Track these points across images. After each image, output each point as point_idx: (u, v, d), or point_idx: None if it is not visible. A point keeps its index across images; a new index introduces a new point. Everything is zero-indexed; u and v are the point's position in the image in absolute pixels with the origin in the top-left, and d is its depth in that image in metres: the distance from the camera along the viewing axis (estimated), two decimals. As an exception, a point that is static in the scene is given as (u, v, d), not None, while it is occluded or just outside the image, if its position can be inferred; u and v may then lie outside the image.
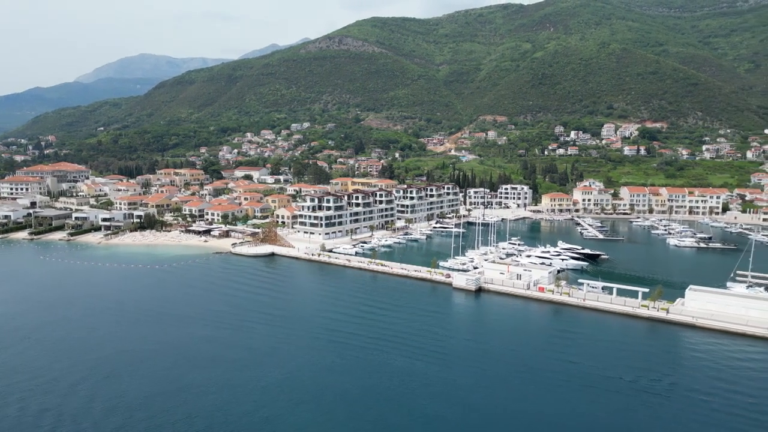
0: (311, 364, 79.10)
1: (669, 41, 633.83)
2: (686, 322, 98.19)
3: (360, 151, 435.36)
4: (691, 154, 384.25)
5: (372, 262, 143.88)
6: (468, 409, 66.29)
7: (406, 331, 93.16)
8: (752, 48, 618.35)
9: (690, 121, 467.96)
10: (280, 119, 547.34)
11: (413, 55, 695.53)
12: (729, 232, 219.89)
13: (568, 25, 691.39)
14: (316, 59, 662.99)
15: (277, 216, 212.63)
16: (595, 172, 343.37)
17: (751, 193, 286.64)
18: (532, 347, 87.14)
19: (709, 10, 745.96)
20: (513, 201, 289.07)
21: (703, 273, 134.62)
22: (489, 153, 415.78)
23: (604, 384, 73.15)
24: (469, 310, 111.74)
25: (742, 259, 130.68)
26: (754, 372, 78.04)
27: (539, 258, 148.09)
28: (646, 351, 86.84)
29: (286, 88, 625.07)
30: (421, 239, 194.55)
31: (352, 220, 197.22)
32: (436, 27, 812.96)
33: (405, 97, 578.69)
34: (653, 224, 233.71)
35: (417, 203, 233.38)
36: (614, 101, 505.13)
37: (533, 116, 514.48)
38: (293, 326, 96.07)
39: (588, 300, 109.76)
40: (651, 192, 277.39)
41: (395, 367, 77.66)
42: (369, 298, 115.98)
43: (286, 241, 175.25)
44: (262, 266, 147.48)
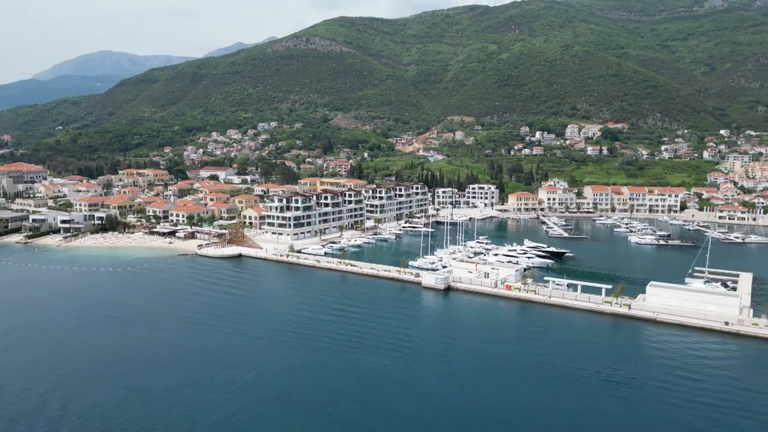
0: (280, 366, 78.38)
1: (629, 44, 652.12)
2: (647, 317, 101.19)
3: (328, 151, 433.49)
4: (650, 154, 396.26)
5: (341, 263, 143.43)
6: (437, 406, 66.79)
7: (376, 331, 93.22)
8: (708, 51, 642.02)
9: (649, 122, 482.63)
10: (246, 119, 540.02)
11: (381, 55, 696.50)
12: (687, 229, 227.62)
13: (532, 27, 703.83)
14: (284, 58, 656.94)
15: (245, 217, 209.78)
16: (560, 172, 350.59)
17: (708, 191, 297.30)
18: (500, 344, 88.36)
19: (667, 15, 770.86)
20: (480, 200, 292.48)
21: (663, 269, 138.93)
22: (457, 153, 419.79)
23: (570, 377, 74.78)
24: (439, 308, 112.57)
25: (699, 255, 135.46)
26: (708, 362, 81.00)
27: (506, 256, 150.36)
28: (609, 345, 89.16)
29: (252, 87, 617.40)
30: (391, 239, 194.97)
31: (321, 220, 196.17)
32: (403, 27, 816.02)
33: (373, 97, 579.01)
34: (615, 222, 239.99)
35: (386, 203, 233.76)
36: (577, 102, 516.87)
37: (499, 117, 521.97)
38: (262, 328, 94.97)
39: (554, 297, 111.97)
40: (613, 191, 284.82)
41: (365, 367, 77.62)
42: (338, 299, 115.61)
43: (253, 242, 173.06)
44: (229, 268, 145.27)
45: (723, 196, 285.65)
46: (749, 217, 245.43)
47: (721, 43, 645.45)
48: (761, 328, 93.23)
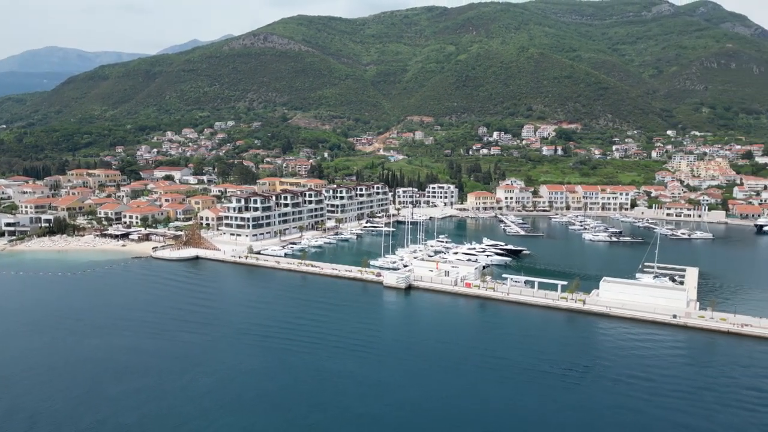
0: (241, 370, 77.00)
1: (582, 47, 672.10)
2: (601, 312, 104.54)
3: (288, 150, 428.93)
4: (603, 153, 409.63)
5: (302, 263, 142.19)
6: (399, 406, 67.06)
7: (338, 332, 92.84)
8: (655, 55, 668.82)
9: (601, 123, 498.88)
10: (202, 117, 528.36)
11: (340, 55, 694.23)
12: (637, 226, 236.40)
13: (489, 29, 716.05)
14: (241, 56, 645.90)
15: (201, 218, 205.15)
16: (517, 171, 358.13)
17: (656, 190, 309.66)
18: (460, 341, 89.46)
19: (617, 19, 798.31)
20: (440, 200, 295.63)
21: (615, 265, 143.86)
22: (417, 153, 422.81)
23: (528, 372, 76.45)
24: (400, 307, 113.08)
25: (648, 251, 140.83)
26: (658, 353, 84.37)
27: (466, 255, 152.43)
28: (564, 340, 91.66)
29: (208, 85, 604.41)
30: (352, 239, 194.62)
31: (280, 220, 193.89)
32: (362, 27, 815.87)
33: (333, 97, 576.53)
34: (570, 220, 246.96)
35: (347, 203, 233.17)
36: (533, 103, 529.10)
37: (458, 117, 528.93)
38: (221, 331, 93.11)
39: (512, 294, 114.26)
40: (568, 190, 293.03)
41: (327, 369, 77.17)
42: (299, 300, 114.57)
43: (211, 244, 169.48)
44: (185, 270, 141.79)
45: (670, 195, 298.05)
46: (695, 214, 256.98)
47: (668, 47, 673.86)
48: (707, 320, 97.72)
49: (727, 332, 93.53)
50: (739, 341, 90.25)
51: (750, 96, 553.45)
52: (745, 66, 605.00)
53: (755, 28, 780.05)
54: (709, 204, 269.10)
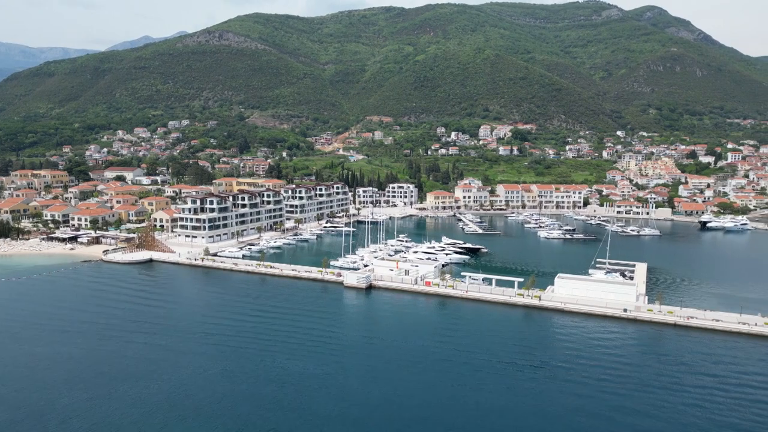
0: (198, 375, 75.24)
1: (536, 49, 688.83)
2: (556, 308, 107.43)
3: (245, 150, 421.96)
4: (556, 153, 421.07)
5: (260, 265, 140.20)
6: (362, 406, 67.02)
7: (298, 333, 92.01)
8: (605, 58, 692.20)
9: (555, 124, 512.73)
10: (155, 116, 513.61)
11: (298, 54, 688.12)
12: (589, 224, 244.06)
13: (446, 31, 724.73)
14: (195, 54, 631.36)
15: (155, 219, 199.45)
16: (474, 171, 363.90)
17: (607, 188, 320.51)
18: (421, 339, 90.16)
19: (569, 23, 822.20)
20: (400, 199, 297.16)
21: (569, 262, 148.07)
22: (376, 153, 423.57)
23: (487, 368, 77.81)
24: (361, 307, 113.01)
25: (600, 248, 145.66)
26: (609, 345, 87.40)
27: (425, 253, 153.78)
28: (522, 335, 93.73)
29: (162, 83, 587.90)
30: (312, 239, 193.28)
31: (238, 221, 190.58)
32: (320, 26, 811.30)
33: (291, 96, 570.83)
34: (526, 219, 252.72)
35: (306, 203, 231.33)
36: (489, 104, 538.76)
37: (417, 117, 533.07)
38: (177, 336, 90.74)
39: (470, 291, 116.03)
40: (523, 189, 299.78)
41: (288, 372, 76.35)
42: (258, 302, 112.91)
43: (165, 246, 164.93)
44: (138, 274, 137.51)
45: (620, 193, 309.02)
46: (643, 211, 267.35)
47: (617, 50, 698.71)
48: (655, 313, 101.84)
49: (674, 324, 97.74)
50: (685, 333, 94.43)
51: (693, 98, 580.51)
52: (689, 69, 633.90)
53: (698, 32, 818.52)
54: (656, 202, 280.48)
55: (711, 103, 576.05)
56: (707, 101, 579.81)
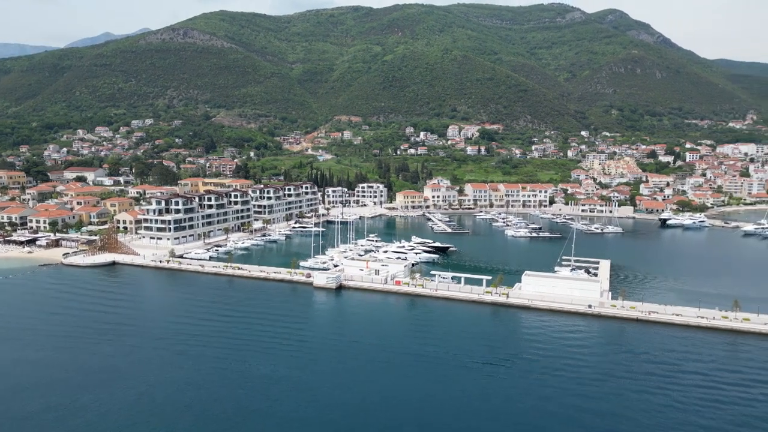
0: (165, 381, 73.55)
1: (502, 50, 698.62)
2: (523, 305, 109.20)
3: (211, 149, 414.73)
4: (523, 153, 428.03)
5: (228, 266, 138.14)
6: (332, 407, 66.74)
7: (267, 335, 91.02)
8: (569, 59, 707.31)
9: (521, 124, 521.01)
10: (118, 115, 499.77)
11: (265, 52, 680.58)
12: (555, 222, 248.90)
13: (414, 31, 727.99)
14: (159, 51, 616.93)
15: (118, 221, 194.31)
16: (443, 171, 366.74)
17: (572, 187, 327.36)
18: (391, 339, 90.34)
19: (534, 24, 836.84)
20: (370, 199, 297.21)
21: (536, 260, 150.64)
22: (345, 152, 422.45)
23: (457, 365, 78.55)
24: (331, 308, 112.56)
25: (566, 246, 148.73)
26: (575, 340, 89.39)
27: (395, 253, 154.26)
28: (490, 332, 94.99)
29: (124, 81, 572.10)
30: (281, 240, 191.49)
31: (204, 222, 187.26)
32: (287, 25, 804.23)
33: (258, 95, 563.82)
34: (493, 217, 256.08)
35: (275, 203, 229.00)
36: (457, 104, 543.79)
37: (385, 117, 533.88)
38: (143, 340, 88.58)
39: (440, 290, 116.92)
40: (491, 188, 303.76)
41: (257, 375, 75.43)
42: (226, 305, 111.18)
43: (129, 248, 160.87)
44: (101, 277, 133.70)
45: (584, 192, 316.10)
46: (606, 209, 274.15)
47: (580, 52, 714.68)
48: (618, 309, 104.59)
49: (636, 319, 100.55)
50: (646, 327, 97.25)
51: (653, 99, 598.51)
52: (649, 71, 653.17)
53: (658, 35, 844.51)
54: (619, 200, 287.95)
55: (670, 104, 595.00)
56: (666, 102, 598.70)
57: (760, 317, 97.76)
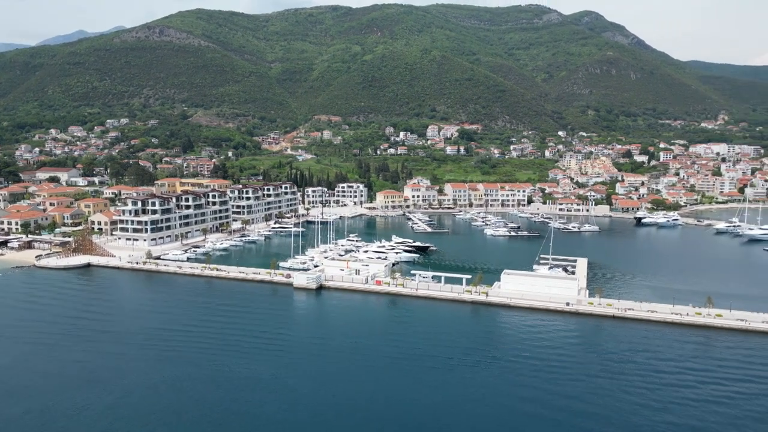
0: (143, 384, 72.37)
1: (480, 51, 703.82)
2: (502, 303, 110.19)
3: (189, 149, 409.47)
4: (501, 153, 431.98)
5: (206, 268, 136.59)
6: (312, 408, 66.47)
7: (247, 337, 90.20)
8: (546, 60, 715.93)
9: (500, 124, 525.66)
10: (92, 114, 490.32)
11: (243, 51, 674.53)
12: (533, 221, 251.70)
13: (393, 31, 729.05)
14: (134, 50, 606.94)
15: (93, 222, 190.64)
16: (423, 171, 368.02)
17: (550, 186, 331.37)
18: (371, 338, 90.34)
19: (512, 25, 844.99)
20: (350, 199, 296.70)
21: (515, 258, 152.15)
22: (325, 152, 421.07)
23: (437, 364, 78.81)
24: (311, 308, 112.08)
25: (544, 244, 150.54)
26: (553, 337, 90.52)
27: (376, 253, 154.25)
28: (470, 331, 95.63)
29: (98, 80, 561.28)
30: (260, 240, 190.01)
31: (182, 223, 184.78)
32: (266, 24, 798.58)
33: (236, 94, 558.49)
34: (473, 217, 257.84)
35: (254, 203, 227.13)
36: (437, 104, 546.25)
37: (365, 117, 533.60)
38: (118, 343, 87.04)
39: (420, 289, 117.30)
40: (470, 188, 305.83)
41: (237, 376, 74.71)
42: (204, 306, 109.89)
43: (104, 250, 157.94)
44: (75, 279, 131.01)
45: (562, 191, 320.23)
46: (583, 208, 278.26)
47: (557, 53, 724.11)
48: (595, 306, 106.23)
49: (613, 316, 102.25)
50: (622, 324, 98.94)
51: (628, 100, 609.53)
52: (624, 72, 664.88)
53: (632, 37, 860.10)
54: (595, 199, 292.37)
55: (644, 105, 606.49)
56: (641, 103, 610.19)
57: (732, 313, 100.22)
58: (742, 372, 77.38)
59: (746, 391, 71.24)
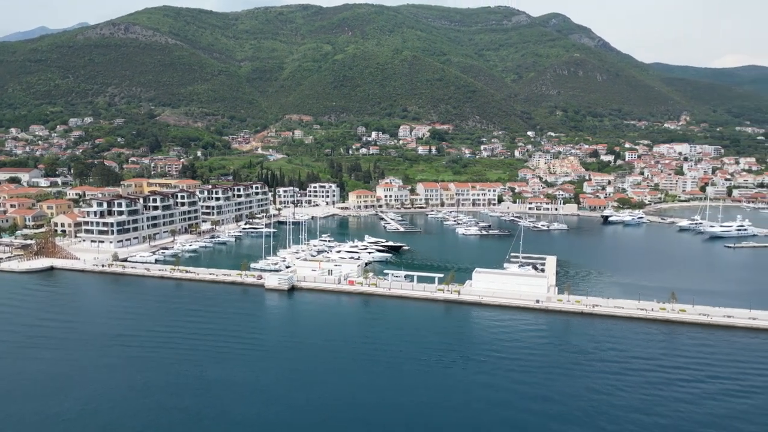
0: (110, 389, 70.48)
1: (451, 51, 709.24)
2: (474, 301, 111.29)
3: (156, 149, 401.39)
4: (472, 153, 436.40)
5: (175, 270, 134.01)
6: (287, 410, 65.87)
7: (218, 340, 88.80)
8: (515, 61, 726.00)
9: (470, 124, 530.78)
10: (54, 113, 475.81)
11: (212, 50, 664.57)
12: (504, 220, 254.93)
13: (364, 31, 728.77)
14: (99, 47, 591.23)
15: (56, 224, 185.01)
16: (395, 170, 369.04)
17: (519, 186, 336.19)
18: (345, 339, 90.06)
19: (482, 26, 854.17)
20: (322, 199, 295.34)
21: (486, 257, 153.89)
22: (296, 152, 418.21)
23: (410, 363, 79.03)
24: (283, 309, 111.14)
25: (514, 243, 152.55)
26: (523, 334, 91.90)
27: (348, 253, 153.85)
28: (443, 330, 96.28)
29: (61, 77, 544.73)
30: (230, 241, 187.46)
31: (149, 224, 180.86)
32: (235, 22, 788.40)
33: (205, 93, 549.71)
34: (445, 216, 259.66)
35: (223, 204, 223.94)
36: (408, 104, 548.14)
37: (337, 116, 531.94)
38: (84, 348, 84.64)
39: (393, 289, 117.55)
40: (442, 187, 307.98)
41: (207, 380, 73.43)
42: (174, 308, 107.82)
43: (68, 253, 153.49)
44: (38, 283, 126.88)
45: (531, 190, 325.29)
46: (552, 207, 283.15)
47: (526, 54, 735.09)
48: (564, 303, 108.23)
49: (581, 313, 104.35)
50: (590, 320, 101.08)
51: (595, 101, 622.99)
52: (591, 74, 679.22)
53: (598, 40, 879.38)
54: (563, 198, 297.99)
55: (610, 106, 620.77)
56: (607, 104, 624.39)
57: (695, 308, 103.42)
58: (707, 365, 79.72)
59: (710, 384, 73.63)
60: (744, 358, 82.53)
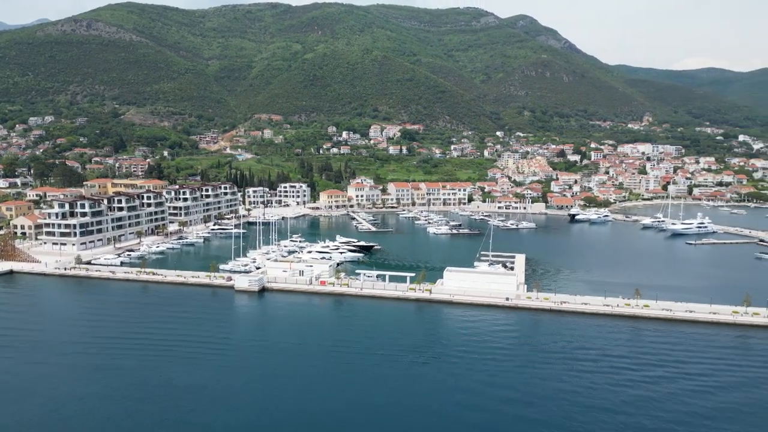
0: (75, 397, 68.26)
1: (421, 52, 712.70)
2: (445, 300, 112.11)
3: (121, 149, 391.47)
4: (442, 153, 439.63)
5: (142, 272, 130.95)
6: (258, 414, 65.11)
7: (186, 343, 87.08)
8: (485, 62, 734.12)
9: (441, 124, 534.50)
10: (13, 112, 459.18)
11: (178, 47, 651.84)
12: (474, 219, 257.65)
13: (334, 30, 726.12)
14: (60, 44, 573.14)
15: (15, 226, 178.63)
16: (366, 170, 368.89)
17: (489, 185, 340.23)
18: (316, 339, 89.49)
19: (451, 27, 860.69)
20: (292, 199, 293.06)
21: (457, 256, 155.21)
22: (266, 152, 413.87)
23: (382, 365, 79.02)
24: (253, 311, 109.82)
25: (484, 242, 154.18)
26: (493, 332, 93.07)
27: (320, 253, 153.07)
28: (415, 329, 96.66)
29: (20, 75, 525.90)
30: (198, 243, 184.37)
31: (114, 226, 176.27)
32: (202, 20, 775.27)
33: (171, 92, 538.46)
34: (416, 216, 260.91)
35: (191, 204, 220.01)
36: (379, 104, 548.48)
37: (307, 116, 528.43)
38: (47, 354, 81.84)
39: (365, 288, 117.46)
40: (413, 187, 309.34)
41: (176, 385, 71.90)
42: (140, 312, 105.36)
43: (28, 255, 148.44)
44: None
45: (500, 190, 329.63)
46: (521, 206, 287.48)
47: (495, 55, 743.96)
48: (533, 300, 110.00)
49: (550, 310, 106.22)
50: (559, 317, 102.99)
51: (562, 101, 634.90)
52: (557, 75, 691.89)
53: (564, 41, 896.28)
54: (532, 197, 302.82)
55: (576, 106, 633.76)
56: (573, 104, 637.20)
57: (658, 303, 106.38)
58: (673, 361, 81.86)
59: (672, 375, 75.85)
60: (707, 354, 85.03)
